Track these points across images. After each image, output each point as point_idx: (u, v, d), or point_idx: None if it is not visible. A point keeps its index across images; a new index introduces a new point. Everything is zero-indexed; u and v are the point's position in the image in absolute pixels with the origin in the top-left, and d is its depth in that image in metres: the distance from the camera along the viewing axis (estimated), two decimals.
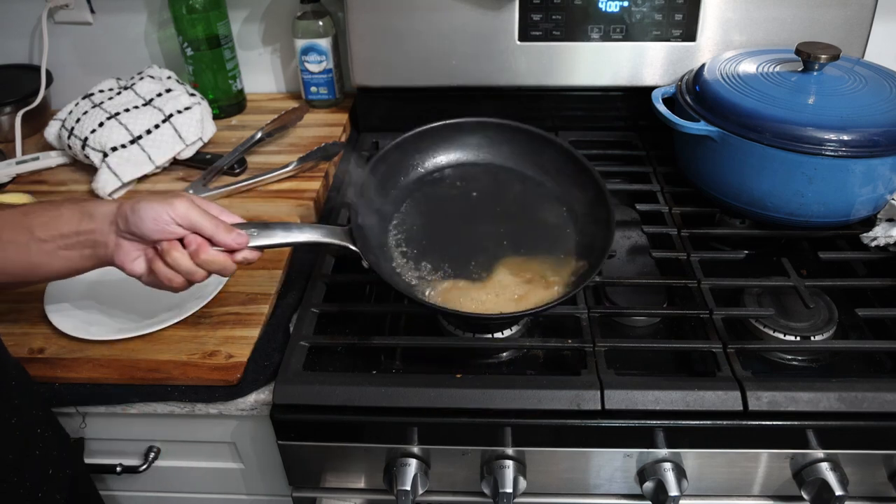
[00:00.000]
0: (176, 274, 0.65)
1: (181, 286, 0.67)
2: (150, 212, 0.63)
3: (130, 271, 0.66)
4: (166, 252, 0.64)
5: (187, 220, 0.64)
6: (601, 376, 0.69)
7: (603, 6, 1.00)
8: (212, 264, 0.66)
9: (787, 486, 0.72)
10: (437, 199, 0.83)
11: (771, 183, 0.82)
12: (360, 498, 0.78)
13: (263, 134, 1.08)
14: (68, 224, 0.65)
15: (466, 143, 0.86)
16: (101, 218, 0.65)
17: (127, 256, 0.65)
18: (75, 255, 0.66)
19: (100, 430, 0.79)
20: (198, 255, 0.65)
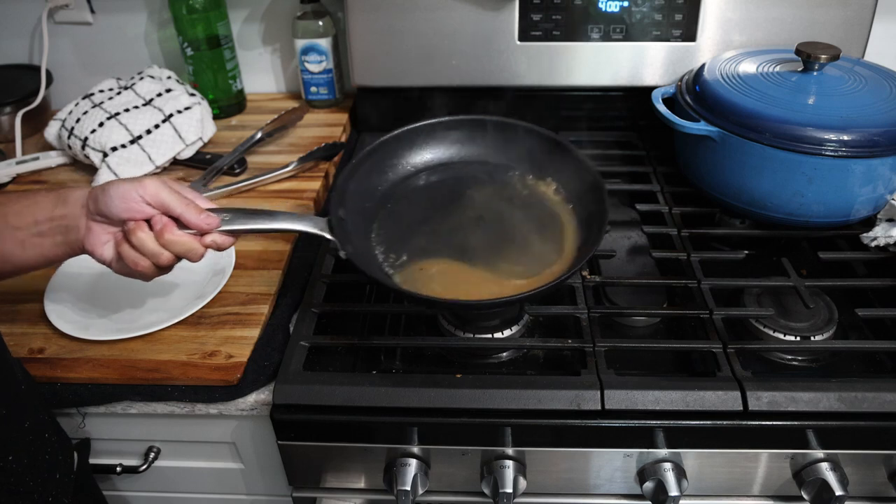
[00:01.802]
0: (141, 256, 0.64)
1: (147, 270, 0.65)
2: (120, 190, 0.62)
3: (100, 257, 0.65)
4: (132, 232, 0.63)
5: (157, 198, 0.63)
6: (601, 376, 0.69)
7: (603, 6, 1.00)
8: (177, 245, 0.64)
9: (787, 486, 0.72)
10: (424, 195, 0.83)
11: (771, 183, 0.82)
12: (360, 498, 0.77)
13: (263, 134, 1.08)
14: (42, 210, 0.64)
15: (453, 140, 0.86)
16: (73, 202, 0.64)
17: (97, 240, 0.65)
18: (47, 242, 0.65)
19: (100, 430, 0.79)
20: (163, 234, 0.64)
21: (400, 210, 0.81)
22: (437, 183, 0.84)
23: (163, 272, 0.67)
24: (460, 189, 0.83)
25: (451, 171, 0.85)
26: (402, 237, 0.77)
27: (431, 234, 0.78)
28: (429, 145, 0.85)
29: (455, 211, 0.80)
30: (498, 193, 0.82)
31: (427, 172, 0.85)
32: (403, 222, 0.79)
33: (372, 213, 0.80)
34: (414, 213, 0.80)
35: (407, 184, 0.84)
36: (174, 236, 0.64)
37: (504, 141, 0.85)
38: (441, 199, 0.82)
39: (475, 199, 0.81)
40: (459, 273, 0.73)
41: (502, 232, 0.78)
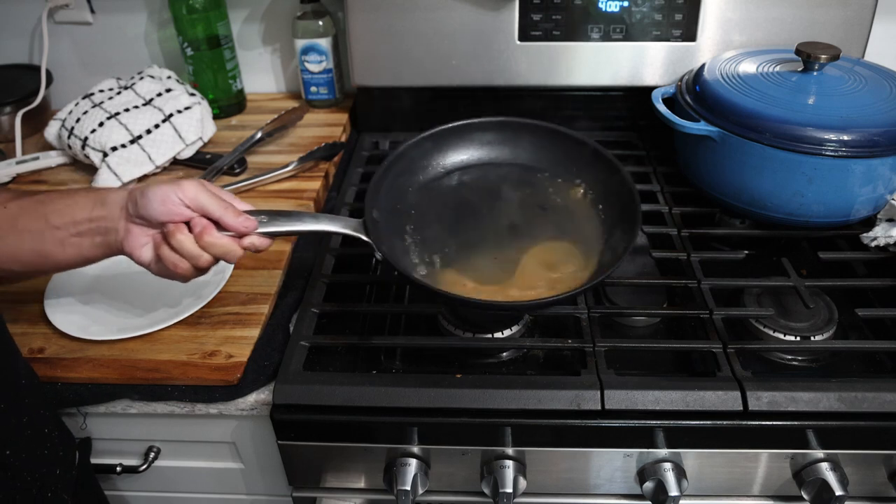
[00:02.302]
0: (180, 258, 0.65)
1: (186, 272, 0.66)
2: (159, 193, 0.63)
3: (139, 259, 0.66)
4: (171, 234, 0.64)
5: (196, 201, 0.64)
6: (601, 376, 0.69)
7: (603, 6, 1.00)
8: (216, 247, 0.65)
9: (787, 486, 0.72)
10: (455, 197, 0.83)
11: (771, 183, 0.82)
12: (360, 498, 0.78)
13: (263, 134, 1.08)
14: (82, 210, 0.65)
15: (483, 141, 0.86)
16: (112, 204, 0.65)
17: (136, 242, 0.65)
18: (86, 242, 0.66)
19: (100, 430, 0.79)
20: (202, 237, 0.64)
21: (432, 211, 0.81)
22: (467, 185, 0.84)
23: (201, 274, 0.67)
24: (491, 191, 0.83)
25: (481, 173, 0.85)
26: (434, 239, 0.77)
27: (463, 236, 0.78)
28: (460, 146, 0.86)
29: (485, 213, 0.81)
30: (528, 196, 0.83)
31: (458, 173, 0.85)
32: (435, 224, 0.79)
33: (404, 215, 0.80)
34: (445, 214, 0.81)
35: (438, 185, 0.84)
36: (213, 238, 0.64)
37: (534, 143, 0.85)
38: (471, 202, 0.82)
39: (505, 202, 0.82)
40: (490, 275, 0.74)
41: (531, 234, 0.78)
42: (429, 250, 0.76)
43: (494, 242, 0.77)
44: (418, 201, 0.82)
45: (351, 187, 1.00)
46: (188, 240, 0.64)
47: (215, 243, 0.65)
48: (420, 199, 0.82)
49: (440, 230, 0.78)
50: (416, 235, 0.78)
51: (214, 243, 0.64)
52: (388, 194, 0.79)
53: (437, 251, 0.76)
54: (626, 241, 0.71)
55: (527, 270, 0.74)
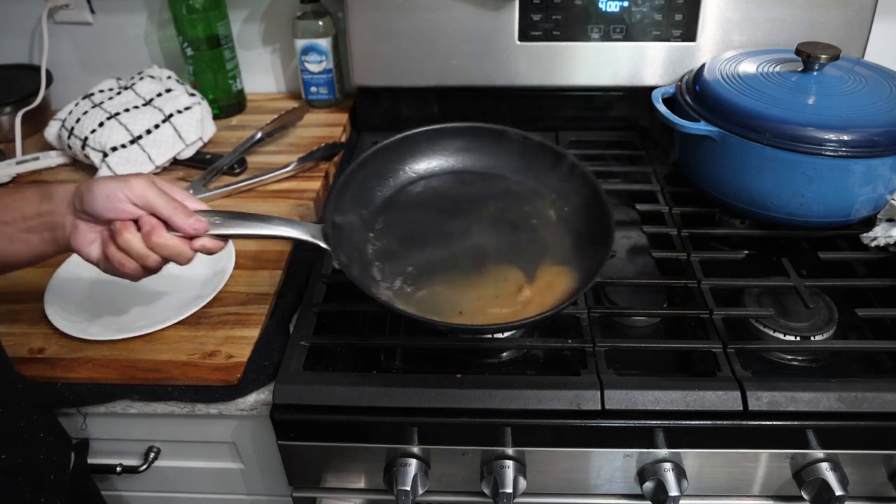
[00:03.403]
0: (127, 258, 0.62)
1: (134, 272, 0.64)
2: (104, 189, 0.61)
3: (86, 255, 0.64)
4: (118, 233, 0.61)
5: (143, 199, 0.62)
6: (601, 376, 0.69)
7: (603, 6, 1.00)
8: (165, 248, 0.63)
9: (787, 486, 0.72)
10: (423, 206, 0.80)
11: (771, 183, 0.82)
12: (360, 498, 0.77)
13: (263, 134, 1.08)
14: (30, 205, 0.63)
15: (454, 148, 0.83)
16: (59, 199, 0.63)
17: (83, 239, 0.63)
18: (35, 238, 0.64)
19: (100, 431, 0.79)
20: (150, 237, 0.62)
21: (398, 220, 0.78)
22: (436, 193, 0.82)
23: (151, 273, 0.65)
24: (460, 202, 0.80)
25: (452, 181, 0.83)
26: (399, 249, 0.75)
27: (429, 247, 0.75)
28: (430, 152, 0.83)
29: (453, 224, 0.78)
30: (498, 208, 0.79)
31: (428, 180, 0.83)
32: (401, 233, 0.77)
33: (369, 221, 0.77)
34: (412, 223, 0.78)
35: (407, 192, 0.82)
36: (162, 239, 0.62)
37: (509, 151, 0.83)
38: (440, 211, 0.79)
39: (474, 214, 0.79)
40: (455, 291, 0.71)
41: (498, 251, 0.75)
42: (391, 263, 0.73)
43: (460, 258, 0.74)
44: (385, 209, 0.79)
45: None
46: (136, 239, 0.62)
47: (164, 244, 0.62)
48: (387, 207, 0.79)
49: (405, 242, 0.75)
50: (380, 245, 0.75)
51: (163, 244, 0.62)
52: (354, 199, 0.76)
53: (400, 265, 0.73)
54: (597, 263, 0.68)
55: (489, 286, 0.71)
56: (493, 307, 0.69)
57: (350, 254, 0.71)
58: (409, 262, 0.73)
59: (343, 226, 0.72)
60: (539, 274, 0.72)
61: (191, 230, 0.63)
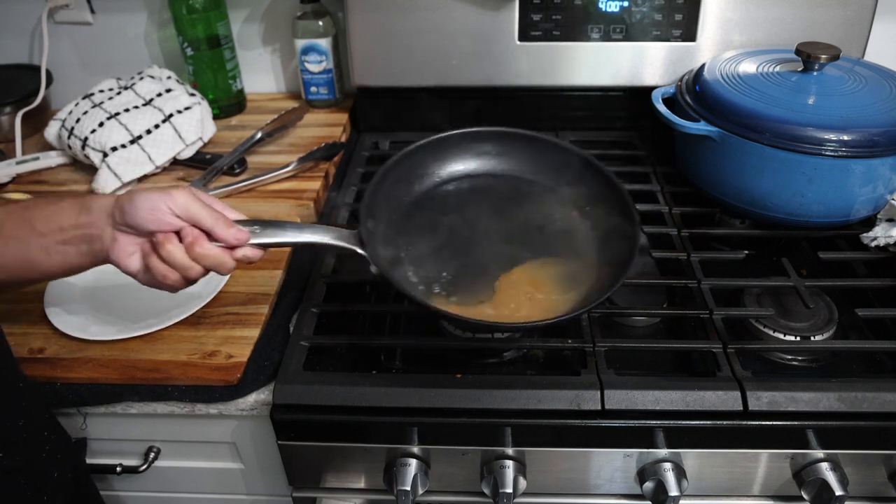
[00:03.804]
0: (170, 269, 0.62)
1: (176, 283, 0.64)
2: (147, 201, 0.61)
3: (126, 268, 0.64)
4: (161, 245, 0.61)
5: (186, 211, 0.62)
6: (601, 376, 0.69)
7: (603, 6, 1.00)
8: (207, 259, 0.63)
9: (787, 486, 0.72)
10: (451, 208, 0.80)
11: (771, 183, 0.82)
12: (360, 498, 0.77)
13: (263, 134, 1.08)
14: (67, 217, 0.63)
15: (481, 152, 0.83)
16: (98, 211, 0.63)
17: (123, 251, 0.63)
18: (72, 250, 0.64)
19: (100, 430, 0.79)
20: (193, 248, 0.62)
21: (429, 224, 0.78)
22: (464, 197, 0.82)
23: (191, 284, 0.65)
24: (487, 205, 0.80)
25: (479, 184, 0.83)
26: (432, 253, 0.75)
27: (462, 251, 0.75)
28: (458, 156, 0.83)
29: (481, 229, 0.78)
30: (524, 212, 0.80)
31: (455, 184, 0.83)
32: (433, 237, 0.77)
33: (401, 227, 0.77)
34: (443, 227, 0.78)
35: (434, 196, 0.81)
36: (205, 250, 0.62)
37: (533, 156, 0.82)
38: (468, 214, 0.79)
39: (501, 217, 0.79)
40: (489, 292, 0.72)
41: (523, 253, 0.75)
42: (423, 264, 0.73)
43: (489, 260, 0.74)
44: (414, 213, 0.79)
45: (351, 187, 1.00)
46: (178, 250, 0.62)
47: (207, 255, 0.62)
48: (416, 211, 0.79)
49: (435, 245, 0.76)
50: (411, 249, 0.75)
51: (206, 255, 0.62)
52: (384, 204, 0.76)
53: (435, 269, 0.73)
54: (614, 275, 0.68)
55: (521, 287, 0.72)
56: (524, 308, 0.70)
57: (385, 257, 0.71)
58: (443, 266, 0.73)
59: (376, 231, 0.72)
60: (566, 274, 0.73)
61: (233, 240, 0.63)
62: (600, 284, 0.70)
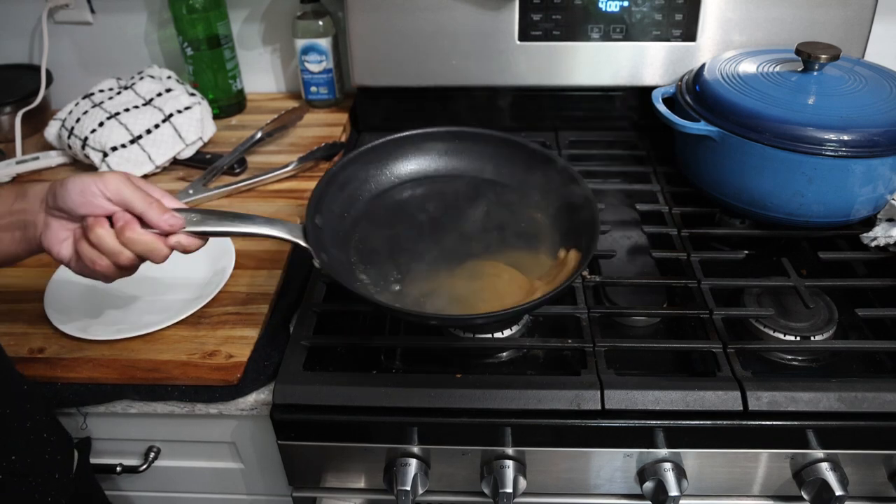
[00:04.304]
0: (99, 255, 0.61)
1: (106, 270, 0.62)
2: (78, 184, 0.60)
3: (57, 254, 0.62)
4: (90, 228, 0.60)
5: (118, 194, 0.60)
6: (601, 376, 0.69)
7: (603, 6, 1.00)
8: (138, 244, 0.61)
9: (787, 486, 0.72)
10: (403, 208, 0.81)
11: (771, 183, 0.82)
12: (360, 498, 0.77)
13: (263, 134, 1.08)
14: (4, 203, 0.62)
15: (436, 151, 0.84)
16: (32, 196, 0.62)
17: (55, 237, 0.61)
18: (7, 237, 0.63)
19: (100, 430, 0.79)
20: (123, 232, 0.60)
21: (381, 223, 0.78)
22: (419, 196, 0.82)
23: (124, 273, 0.64)
24: (443, 206, 0.81)
25: (434, 185, 0.83)
26: (383, 251, 0.75)
27: (414, 249, 0.75)
28: (413, 156, 0.84)
29: (437, 226, 0.78)
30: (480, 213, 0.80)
31: (410, 185, 0.83)
32: (385, 236, 0.77)
33: (351, 225, 0.77)
34: (394, 227, 0.78)
35: (388, 195, 0.82)
36: (136, 235, 0.61)
37: (486, 153, 0.83)
38: (423, 214, 0.80)
39: (456, 218, 0.79)
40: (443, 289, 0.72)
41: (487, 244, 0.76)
42: (376, 265, 0.73)
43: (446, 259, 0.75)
44: (367, 212, 0.79)
45: None
46: (108, 235, 0.60)
47: (137, 240, 0.61)
48: (369, 210, 0.79)
49: (389, 245, 0.76)
50: (364, 247, 0.75)
51: (136, 240, 0.61)
52: (336, 201, 0.76)
53: (386, 267, 0.73)
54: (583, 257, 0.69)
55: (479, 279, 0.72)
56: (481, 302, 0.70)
57: (333, 255, 0.71)
58: (393, 263, 0.74)
59: (324, 227, 0.72)
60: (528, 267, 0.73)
61: (165, 226, 0.62)
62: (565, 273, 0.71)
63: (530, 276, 0.73)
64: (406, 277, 0.73)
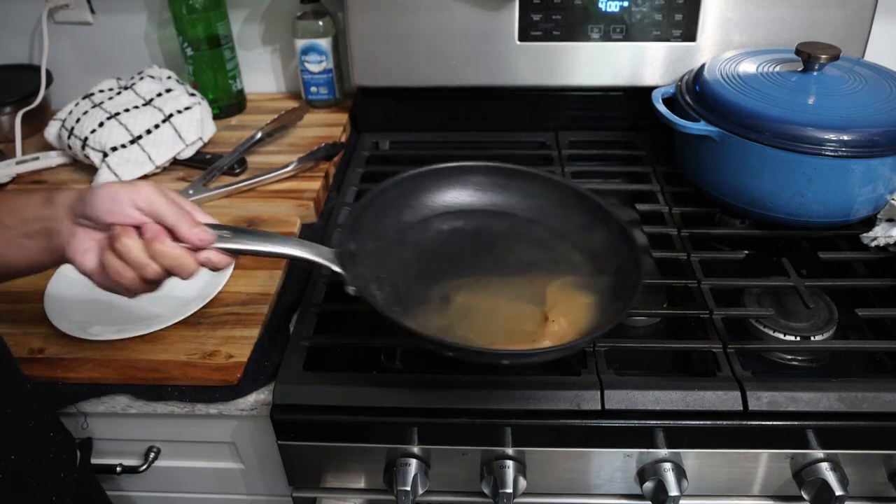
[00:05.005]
0: (125, 267, 0.57)
1: (131, 283, 0.58)
2: (108, 191, 0.57)
3: (81, 265, 0.59)
4: (117, 237, 0.57)
5: (150, 204, 0.57)
6: (601, 376, 0.69)
7: (603, 6, 1.00)
8: (166, 257, 0.58)
9: (787, 486, 0.72)
10: (437, 241, 0.77)
11: (771, 183, 0.82)
12: (360, 498, 0.77)
13: (263, 134, 1.08)
14: (32, 210, 0.60)
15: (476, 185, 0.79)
16: (59, 203, 0.59)
17: (79, 246, 0.58)
18: (34, 245, 0.60)
19: (100, 430, 0.79)
20: (152, 244, 0.57)
21: (414, 254, 0.74)
22: (455, 231, 0.78)
23: (149, 288, 0.60)
24: (479, 241, 0.76)
25: (471, 220, 0.79)
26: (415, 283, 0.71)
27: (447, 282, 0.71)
28: (449, 189, 0.79)
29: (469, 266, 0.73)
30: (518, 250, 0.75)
31: (444, 217, 0.79)
32: (418, 267, 0.73)
33: (383, 255, 0.72)
34: (429, 259, 0.74)
35: (423, 226, 0.77)
36: (165, 247, 0.58)
37: (527, 191, 0.79)
38: (458, 247, 0.76)
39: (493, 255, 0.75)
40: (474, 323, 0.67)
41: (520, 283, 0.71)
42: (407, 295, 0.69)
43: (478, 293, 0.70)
44: (401, 242, 0.75)
45: (351, 187, 1.00)
46: (136, 245, 0.57)
47: (166, 252, 0.58)
48: (403, 240, 0.75)
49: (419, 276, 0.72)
50: (396, 278, 0.71)
51: (165, 252, 0.58)
52: (369, 230, 0.72)
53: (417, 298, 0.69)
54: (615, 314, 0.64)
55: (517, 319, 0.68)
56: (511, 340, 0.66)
57: (364, 283, 0.67)
58: (425, 295, 0.69)
59: (357, 254, 0.68)
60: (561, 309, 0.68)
61: (196, 240, 0.59)
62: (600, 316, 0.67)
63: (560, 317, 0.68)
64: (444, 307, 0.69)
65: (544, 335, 0.66)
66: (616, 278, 0.69)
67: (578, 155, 1.05)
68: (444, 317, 0.67)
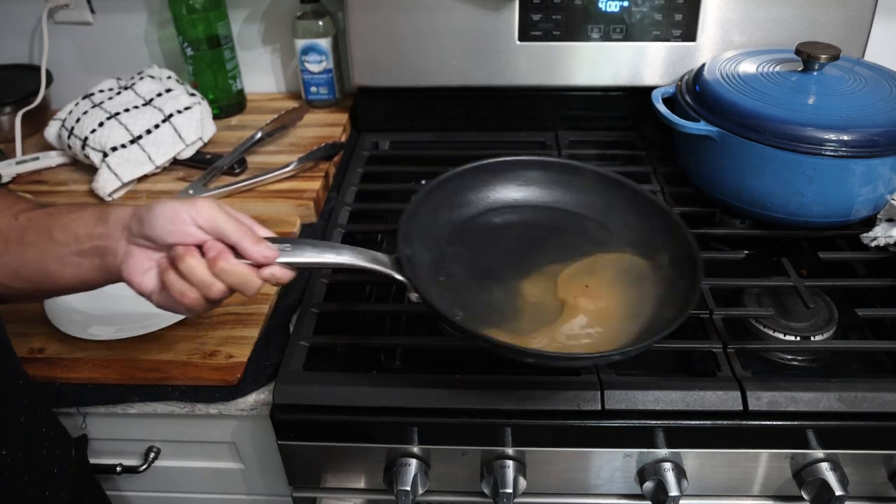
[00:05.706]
0: (189, 287, 0.56)
1: (194, 303, 0.57)
2: (168, 210, 0.55)
3: (139, 286, 0.57)
4: (180, 258, 0.55)
5: (211, 222, 0.56)
6: (601, 376, 0.69)
7: (603, 6, 1.00)
8: (232, 276, 0.56)
9: (787, 486, 0.72)
10: (491, 238, 0.75)
11: (771, 183, 0.82)
12: (360, 498, 0.77)
13: (263, 134, 1.08)
14: (84, 227, 0.58)
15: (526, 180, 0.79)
16: (114, 221, 0.57)
17: (137, 267, 0.57)
18: (86, 263, 0.58)
19: (100, 430, 0.79)
20: (216, 262, 0.55)
21: (469, 253, 0.73)
22: (510, 227, 0.77)
23: (212, 307, 0.58)
24: (535, 238, 0.76)
25: (527, 215, 0.77)
26: (472, 283, 0.70)
27: (505, 281, 0.70)
28: (498, 185, 0.78)
29: (528, 263, 0.72)
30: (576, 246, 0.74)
31: (495, 213, 0.77)
32: (473, 267, 0.71)
33: (439, 254, 0.71)
34: (484, 257, 0.73)
35: (475, 223, 0.76)
36: (230, 265, 0.56)
37: (585, 188, 0.78)
38: (511, 246, 0.75)
39: (549, 251, 0.74)
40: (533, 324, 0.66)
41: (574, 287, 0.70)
42: (463, 294, 0.68)
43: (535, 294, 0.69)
44: (454, 241, 0.73)
45: (351, 187, 1.00)
46: (200, 265, 0.55)
47: (231, 271, 0.56)
48: (456, 239, 0.74)
49: (475, 275, 0.70)
50: (451, 279, 0.69)
51: (230, 271, 0.56)
52: (423, 230, 0.70)
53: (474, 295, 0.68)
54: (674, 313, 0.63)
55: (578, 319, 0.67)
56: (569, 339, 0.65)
57: (424, 286, 0.65)
58: (484, 296, 0.68)
59: (412, 258, 0.67)
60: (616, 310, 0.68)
61: (260, 257, 0.57)
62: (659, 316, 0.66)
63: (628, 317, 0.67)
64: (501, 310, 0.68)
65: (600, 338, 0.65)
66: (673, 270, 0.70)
67: (578, 155, 1.05)
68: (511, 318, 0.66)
